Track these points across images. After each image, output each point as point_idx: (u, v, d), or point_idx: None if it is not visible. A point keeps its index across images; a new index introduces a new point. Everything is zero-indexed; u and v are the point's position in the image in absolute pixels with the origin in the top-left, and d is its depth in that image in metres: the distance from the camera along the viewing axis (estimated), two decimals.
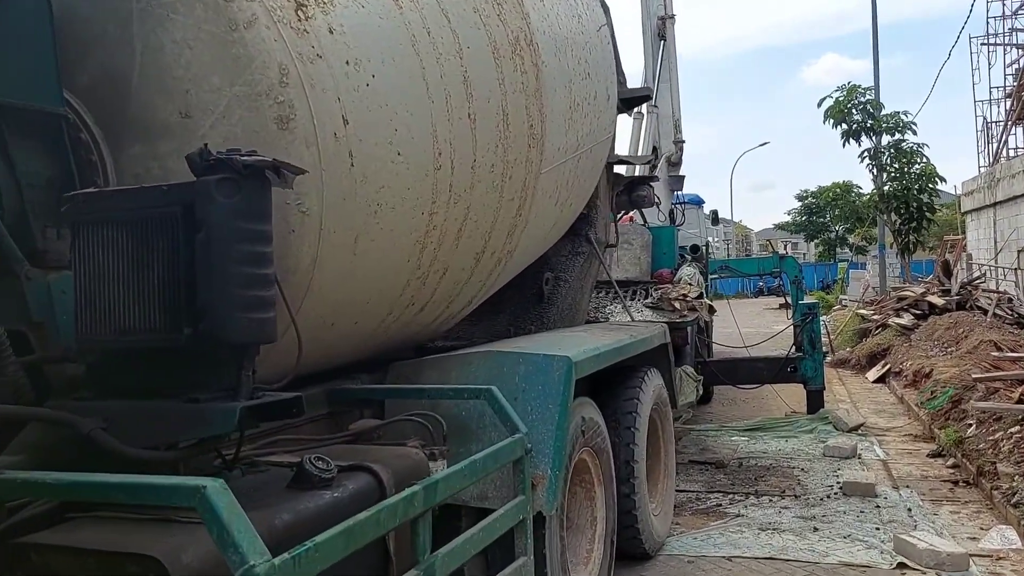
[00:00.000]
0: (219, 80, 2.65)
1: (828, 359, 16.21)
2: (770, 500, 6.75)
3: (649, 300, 8.66)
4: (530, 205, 4.13)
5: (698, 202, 19.60)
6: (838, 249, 58.07)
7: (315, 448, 3.16)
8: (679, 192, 16.46)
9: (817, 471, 7.66)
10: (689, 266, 9.80)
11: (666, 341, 5.91)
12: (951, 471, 7.57)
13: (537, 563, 3.58)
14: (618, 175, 7.04)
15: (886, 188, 18.93)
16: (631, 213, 12.86)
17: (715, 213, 20.34)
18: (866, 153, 18.84)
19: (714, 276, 17.39)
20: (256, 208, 2.25)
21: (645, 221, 11.45)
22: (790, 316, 11.77)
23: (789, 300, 17.43)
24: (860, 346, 16.01)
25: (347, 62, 2.87)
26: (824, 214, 53.47)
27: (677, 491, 6.90)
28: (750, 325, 26.20)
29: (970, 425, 8.13)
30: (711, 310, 8.73)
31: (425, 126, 3.22)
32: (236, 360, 2.25)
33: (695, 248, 11.85)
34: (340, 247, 2.96)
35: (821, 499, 6.74)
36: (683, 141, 16.66)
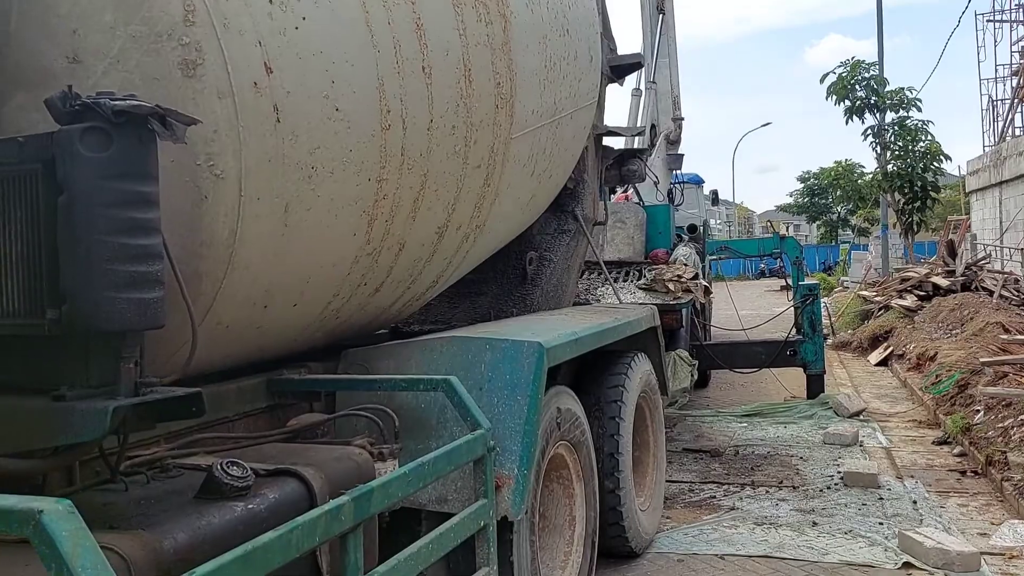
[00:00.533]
0: (112, 18, 2.24)
1: (829, 341, 15.83)
2: (767, 491, 6.39)
3: (642, 281, 8.28)
4: (500, 174, 3.73)
5: (698, 181, 19.13)
6: (840, 231, 57.62)
7: (244, 448, 2.78)
8: (678, 171, 16.01)
9: (817, 460, 7.29)
10: (685, 246, 9.40)
11: (655, 324, 5.52)
12: (958, 460, 7.20)
13: (503, 572, 3.21)
14: (607, 148, 6.62)
15: (890, 167, 18.45)
16: (628, 191, 12.47)
17: (715, 193, 19.88)
18: (869, 131, 18.35)
19: (713, 257, 17.01)
20: (135, 165, 1.85)
21: (641, 200, 11.04)
22: (791, 298, 11.39)
23: (790, 281, 17.20)
24: (862, 328, 15.63)
25: (270, 0, 2.46)
26: (826, 195, 52.99)
27: (669, 482, 6.54)
28: (751, 307, 25.87)
29: (978, 411, 7.75)
30: (707, 292, 8.34)
31: (369, 79, 2.81)
32: (113, 350, 1.86)
33: (692, 228, 11.48)
34: (267, 217, 2.56)
35: (821, 490, 6.37)
36: (682, 118, 16.20)
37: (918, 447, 7.77)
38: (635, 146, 14.65)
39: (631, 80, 16.78)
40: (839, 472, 6.75)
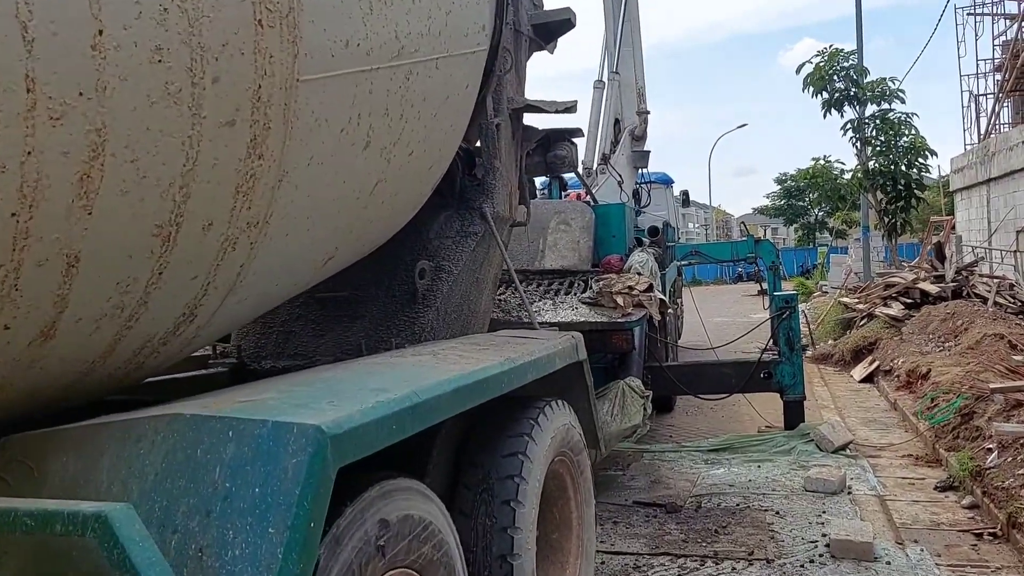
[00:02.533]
0: None
1: (808, 353, 14.50)
2: (733, 567, 4.97)
3: (587, 294, 6.85)
4: (285, 140, 2.28)
5: (666, 181, 17.78)
6: (818, 233, 56.69)
7: None
8: (644, 170, 14.67)
9: (797, 515, 5.89)
10: (642, 251, 7.97)
11: (579, 359, 4.08)
12: (969, 514, 5.83)
13: None
14: (530, 129, 5.21)
15: (871, 163, 17.15)
16: (580, 191, 11.03)
17: (686, 194, 18.53)
18: (849, 125, 17.01)
19: (683, 263, 15.70)
20: None
21: (594, 199, 9.64)
22: (767, 305, 10.01)
23: (766, 287, 15.86)
24: (844, 339, 14.32)
25: None
26: (803, 197, 51.96)
27: (610, 554, 5.14)
28: (726, 314, 24.62)
29: (990, 450, 6.39)
30: (663, 306, 6.92)
31: None
32: None
33: (654, 231, 10.07)
34: None
35: (802, 565, 4.97)
36: (648, 112, 14.87)
37: (918, 494, 6.39)
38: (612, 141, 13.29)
39: (593, 72, 15.45)
40: (824, 536, 5.35)
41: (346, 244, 3.13)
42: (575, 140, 5.36)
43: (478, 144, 4.86)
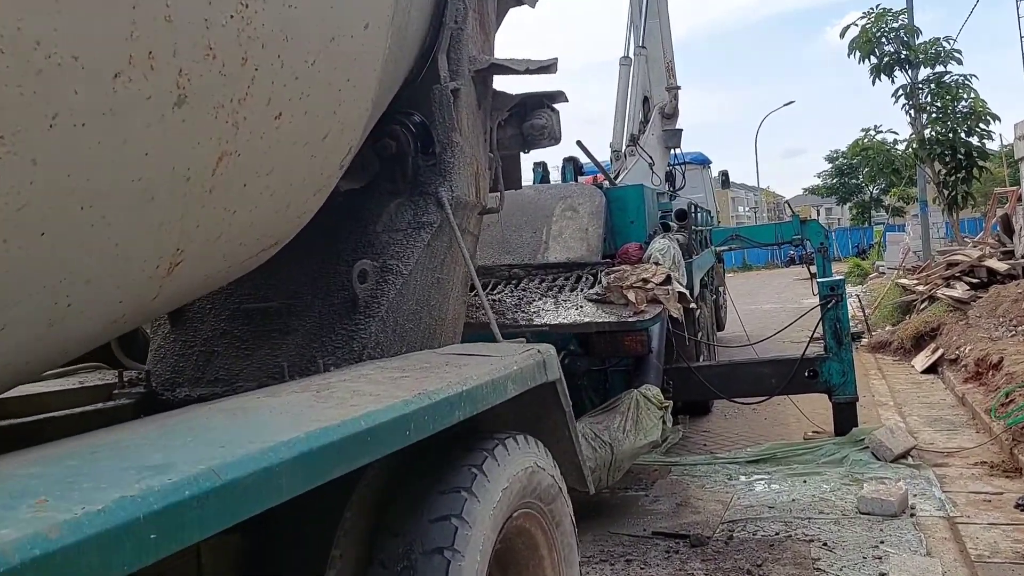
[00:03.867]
0: None
1: (863, 341, 13.39)
2: None
3: (594, 290, 5.94)
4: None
5: (703, 161, 16.70)
6: (873, 211, 54.58)
7: None
8: (677, 150, 13.66)
9: (848, 546, 4.91)
10: (663, 238, 7.01)
11: (548, 379, 3.18)
12: None
13: None
14: (500, 95, 4.31)
15: (927, 132, 15.77)
16: (598, 175, 10.06)
17: (725, 174, 17.46)
18: (901, 91, 15.64)
19: (722, 248, 14.66)
20: None
21: (612, 183, 8.70)
22: (816, 291, 8.92)
23: (814, 271, 14.70)
24: (903, 325, 13.10)
25: None
26: (856, 174, 49.91)
27: None
28: (776, 299, 23.36)
29: None
30: (684, 300, 5.96)
31: None
32: None
33: (681, 214, 9.05)
34: None
35: None
36: (678, 87, 13.84)
37: (995, 514, 5.36)
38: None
39: (619, 48, 14.45)
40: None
41: (194, 245, 2.28)
42: (556, 106, 4.43)
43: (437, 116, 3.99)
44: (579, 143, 7.53)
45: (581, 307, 5.75)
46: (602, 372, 6.72)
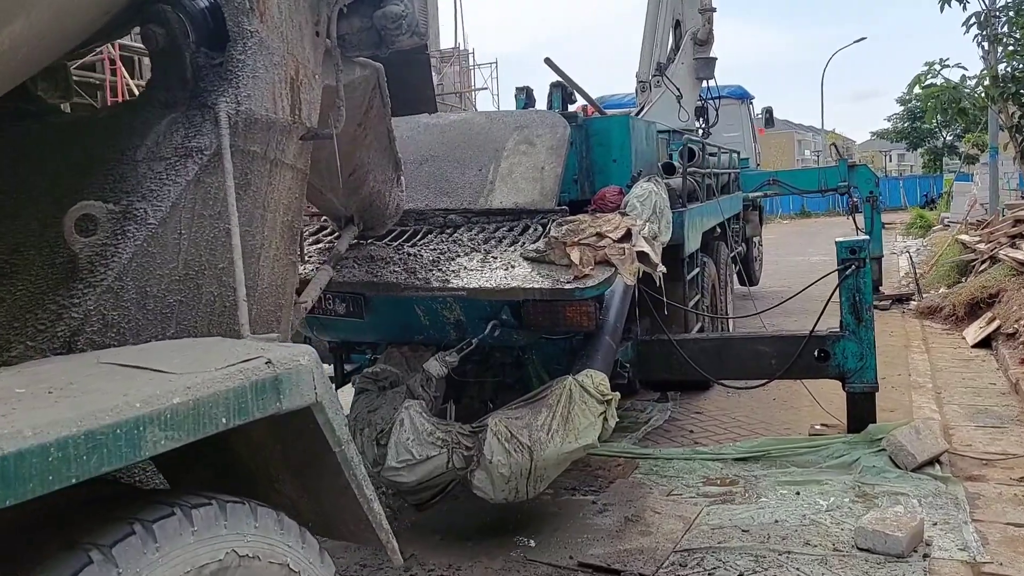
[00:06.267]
0: None
1: (912, 305, 11.86)
2: None
3: (533, 247, 4.67)
4: None
5: (742, 96, 15.00)
6: (947, 159, 51.44)
7: None
8: (711, 82, 12.07)
9: None
10: (648, 181, 5.66)
11: (285, 407, 1.96)
12: None
13: None
14: None
15: (1001, 68, 13.82)
16: (588, 104, 8.59)
17: (769, 111, 15.72)
18: (973, 19, 13.64)
19: (757, 193, 13.14)
20: None
21: (600, 111, 7.31)
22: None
23: (861, 222, 13.09)
24: (958, 288, 11.52)
25: None
26: (929, 118, 46.84)
27: None
28: (825, 252, 21.67)
29: None
30: (645, 261, 4.65)
31: None
32: None
33: (690, 153, 7.55)
34: None
35: None
36: (713, 9, 12.16)
37: None
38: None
39: None
40: None
41: None
42: None
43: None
44: (547, 60, 6.17)
45: (511, 268, 4.50)
46: (558, 342, 5.46)
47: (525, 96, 8.20)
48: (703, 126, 12.02)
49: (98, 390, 1.61)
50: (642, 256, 4.60)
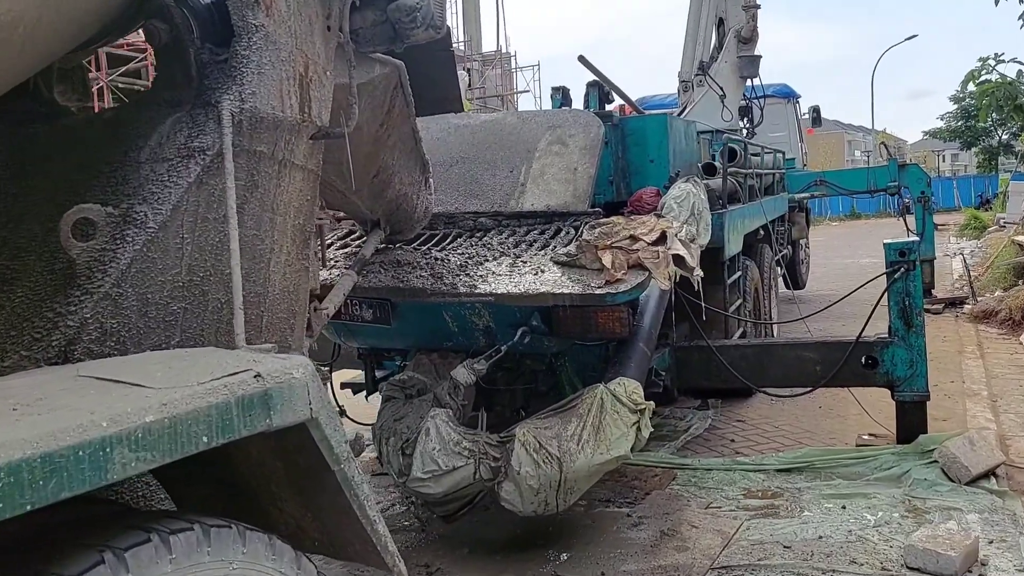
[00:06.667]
0: None
1: (967, 307, 11.44)
2: None
3: (564, 250, 4.51)
4: None
5: (788, 95, 14.66)
6: (1001, 158, 50.03)
7: None
8: (756, 81, 11.77)
9: None
10: (685, 182, 5.47)
11: (275, 424, 1.84)
12: None
13: None
14: None
15: None
16: (624, 104, 8.39)
17: (816, 110, 15.38)
18: None
19: (803, 195, 12.79)
20: None
21: (638, 111, 7.12)
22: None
23: (912, 223, 12.67)
24: (1015, 292, 11.08)
25: None
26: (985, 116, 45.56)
27: None
28: (876, 254, 21.17)
29: None
30: (681, 265, 4.46)
31: None
32: None
33: (732, 153, 7.29)
34: None
35: None
36: (757, 6, 11.87)
37: None
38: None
39: None
40: None
41: None
42: None
43: None
44: (581, 58, 6.01)
45: (541, 272, 4.35)
46: (593, 349, 5.29)
47: (561, 96, 8.04)
48: (747, 126, 11.75)
49: (65, 407, 1.50)
50: (678, 259, 4.41)
